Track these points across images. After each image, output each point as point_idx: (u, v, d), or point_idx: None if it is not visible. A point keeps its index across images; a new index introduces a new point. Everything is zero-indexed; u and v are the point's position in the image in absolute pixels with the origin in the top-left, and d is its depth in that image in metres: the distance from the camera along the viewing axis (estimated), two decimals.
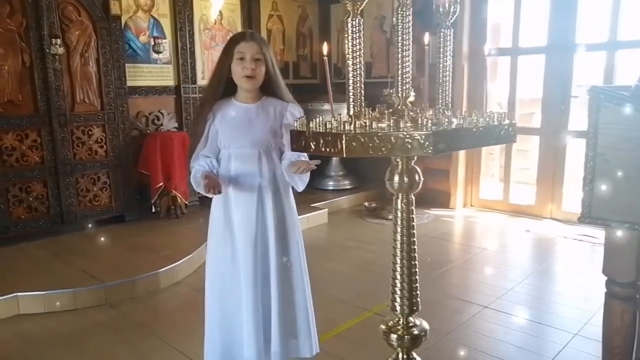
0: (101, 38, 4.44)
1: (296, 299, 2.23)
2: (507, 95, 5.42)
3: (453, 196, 5.56)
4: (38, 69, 4.12)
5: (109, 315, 3.11)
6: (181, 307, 3.21)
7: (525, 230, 4.76)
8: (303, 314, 2.25)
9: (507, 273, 3.73)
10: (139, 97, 4.89)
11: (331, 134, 1.45)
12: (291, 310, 2.22)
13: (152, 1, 4.95)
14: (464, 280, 3.62)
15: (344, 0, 1.56)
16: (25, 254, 3.87)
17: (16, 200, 4.12)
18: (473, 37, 5.39)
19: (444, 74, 1.80)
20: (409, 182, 1.70)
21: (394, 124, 1.45)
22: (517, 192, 5.52)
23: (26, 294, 3.14)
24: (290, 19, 6.34)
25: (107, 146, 4.58)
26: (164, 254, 3.82)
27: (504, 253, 4.24)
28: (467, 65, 5.45)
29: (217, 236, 2.17)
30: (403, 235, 1.78)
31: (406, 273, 1.79)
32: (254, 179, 2.11)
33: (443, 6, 1.79)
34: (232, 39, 2.09)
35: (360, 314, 3.04)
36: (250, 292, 2.11)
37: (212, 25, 5.48)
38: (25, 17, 4.04)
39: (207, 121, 2.10)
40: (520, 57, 5.26)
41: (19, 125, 4.08)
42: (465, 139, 1.48)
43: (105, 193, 4.60)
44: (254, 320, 2.12)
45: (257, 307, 2.13)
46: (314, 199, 5.48)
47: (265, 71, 2.06)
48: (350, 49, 1.57)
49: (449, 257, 4.12)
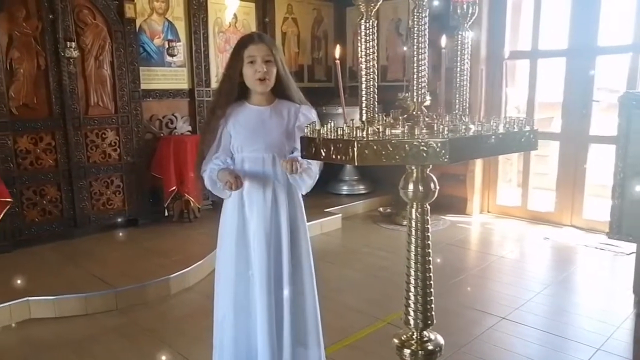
0: (115, 41, 4.44)
1: (307, 307, 2.18)
2: (525, 99, 5.30)
3: (470, 202, 5.45)
4: (53, 72, 4.13)
5: (119, 321, 3.08)
6: (191, 314, 3.16)
7: (544, 238, 4.63)
8: (313, 322, 2.20)
9: (525, 283, 3.62)
10: (152, 100, 4.88)
11: (343, 141, 1.38)
12: (302, 318, 2.17)
13: (167, 4, 4.95)
14: (480, 290, 3.52)
15: (358, 2, 1.49)
16: (39, 257, 3.87)
17: (30, 203, 4.13)
18: (491, 40, 5.28)
19: (461, 78, 1.74)
20: (424, 191, 1.63)
21: (409, 130, 1.38)
22: (535, 199, 5.39)
23: (37, 299, 3.13)
24: (305, 21, 6.30)
25: (121, 149, 4.57)
26: (176, 258, 3.79)
27: (522, 262, 4.12)
28: (485, 68, 5.34)
29: (230, 241, 2.12)
30: (418, 247, 1.71)
31: (420, 286, 1.71)
32: (268, 182, 2.06)
33: (461, 8, 1.71)
34: (241, 42, 2.05)
35: (373, 323, 2.96)
36: (265, 299, 2.06)
37: (227, 28, 5.46)
38: (41, 21, 4.06)
39: (219, 127, 2.06)
40: (539, 60, 5.15)
41: (33, 128, 4.10)
42: (484, 146, 1.40)
43: (118, 196, 4.60)
44: (268, 327, 2.07)
45: (272, 313, 2.08)
46: (328, 203, 5.42)
47: (276, 73, 2.02)
48: (363, 52, 1.50)
49: (464, 265, 4.02)
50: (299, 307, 2.14)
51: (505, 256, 4.19)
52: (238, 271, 2.11)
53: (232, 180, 1.91)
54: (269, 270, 2.06)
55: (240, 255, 2.10)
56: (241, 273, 2.11)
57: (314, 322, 2.19)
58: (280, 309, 2.10)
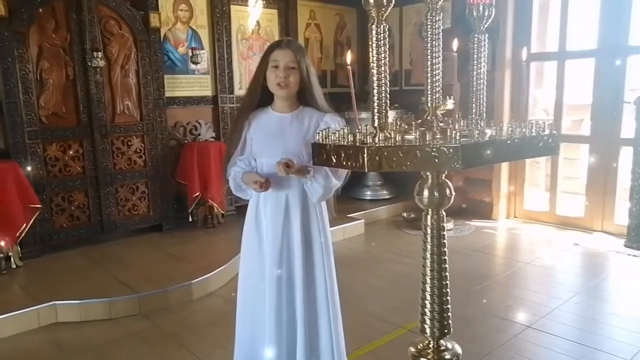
0: (141, 50, 4.53)
1: (320, 319, 2.13)
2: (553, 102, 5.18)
3: (495, 207, 5.35)
4: (81, 81, 4.24)
5: (142, 325, 3.12)
6: (213, 320, 3.18)
7: (574, 244, 4.50)
8: (326, 334, 2.14)
9: (553, 290, 3.52)
10: (177, 108, 4.96)
11: (353, 147, 1.37)
12: (315, 330, 2.14)
13: (191, 13, 5.03)
14: (505, 297, 3.43)
15: (368, 7, 1.48)
16: (66, 262, 3.96)
17: (59, 209, 4.24)
18: (516, 41, 5.18)
19: (477, 82, 1.69)
20: (440, 197, 1.60)
21: (421, 136, 1.36)
22: (564, 203, 5.25)
23: (64, 303, 3.20)
24: (328, 27, 6.31)
25: (146, 156, 4.65)
26: (199, 264, 3.83)
27: (549, 268, 4.01)
28: (510, 70, 5.24)
29: (248, 248, 2.15)
30: (433, 254, 1.68)
31: (437, 294, 1.68)
32: (282, 190, 2.06)
33: (477, 10, 1.68)
34: (269, 46, 2.08)
35: (394, 331, 2.93)
36: (274, 307, 2.06)
37: (250, 35, 5.51)
38: (69, 32, 4.17)
39: (244, 129, 2.10)
40: (567, 61, 5.02)
41: (62, 136, 4.21)
42: (499, 151, 1.37)
43: (143, 202, 4.68)
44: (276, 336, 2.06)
45: (280, 322, 2.07)
46: (351, 209, 5.39)
47: (300, 80, 2.01)
48: (374, 58, 1.48)
49: (489, 271, 3.93)
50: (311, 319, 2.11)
51: (532, 262, 4.09)
52: (254, 279, 2.12)
53: (262, 180, 1.92)
54: (279, 279, 2.05)
55: (255, 263, 2.11)
56: (257, 280, 2.11)
57: (327, 335, 2.12)
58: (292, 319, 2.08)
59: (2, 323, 3.00)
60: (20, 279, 3.63)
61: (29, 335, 3.01)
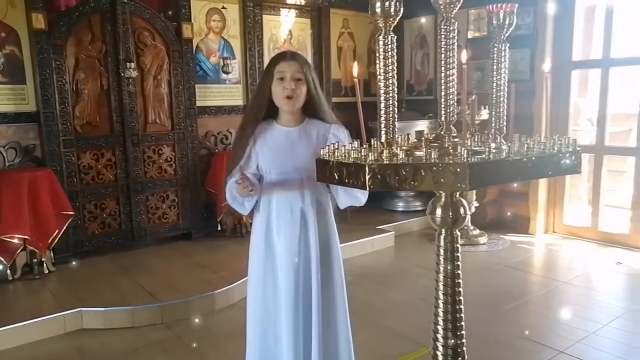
0: (173, 60, 4.60)
1: (339, 333, 2.09)
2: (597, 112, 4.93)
3: (533, 221, 5.11)
4: (114, 91, 4.34)
5: (163, 335, 3.13)
6: (233, 332, 3.14)
7: (616, 263, 4.24)
8: (345, 349, 2.10)
9: (591, 313, 3.31)
10: (208, 117, 5.01)
11: (354, 165, 1.30)
12: (333, 346, 2.08)
13: (223, 23, 5.08)
14: (538, 319, 3.25)
15: (376, 17, 1.42)
16: (96, 269, 4.04)
17: (91, 216, 4.33)
18: (557, 49, 4.96)
19: (497, 95, 1.60)
20: (454, 216, 1.51)
21: (427, 153, 1.27)
22: (608, 218, 4.97)
23: (89, 310, 3.25)
24: (362, 35, 6.24)
25: (176, 165, 4.71)
26: (223, 274, 3.82)
27: (589, 288, 3.78)
28: (550, 79, 5.02)
29: (259, 265, 2.11)
30: (447, 277, 1.60)
31: (450, 319, 1.59)
32: (296, 205, 2.01)
33: (497, 18, 1.58)
34: (272, 59, 2.04)
35: (416, 350, 2.81)
36: (291, 325, 2.01)
37: (282, 45, 5.51)
38: (105, 44, 4.28)
39: (248, 145, 2.05)
40: (612, 68, 4.77)
41: (95, 145, 4.31)
42: (511, 170, 1.27)
43: (173, 211, 4.73)
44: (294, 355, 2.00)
45: (298, 341, 2.02)
46: (381, 220, 5.28)
47: (306, 92, 1.97)
48: (382, 69, 1.42)
49: (523, 289, 3.74)
50: (330, 337, 2.06)
51: (570, 282, 3.87)
52: (267, 297, 2.07)
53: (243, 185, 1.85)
54: (296, 296, 2.00)
55: (268, 281, 2.06)
56: (270, 299, 2.06)
57: (347, 350, 2.11)
58: (308, 335, 2.03)
59: (29, 328, 3.07)
60: (51, 285, 3.72)
61: (53, 341, 3.06)
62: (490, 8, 1.57)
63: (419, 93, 6.28)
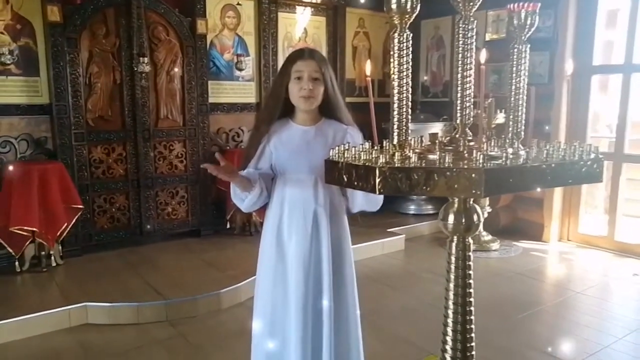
0: (187, 56, 4.58)
1: (350, 340, 2.05)
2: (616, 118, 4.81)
3: (547, 228, 5.01)
4: (127, 86, 4.33)
5: (168, 333, 3.09)
6: (239, 332, 3.10)
7: (633, 274, 4.13)
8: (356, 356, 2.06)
9: (605, 325, 3.22)
10: (220, 114, 4.98)
11: (364, 167, 1.24)
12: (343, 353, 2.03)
13: (238, 20, 5.04)
14: (550, 329, 3.16)
15: (391, 14, 1.36)
16: (103, 263, 4.03)
17: (100, 210, 4.32)
18: (578, 53, 4.85)
19: (515, 98, 1.53)
20: (467, 223, 1.45)
21: (441, 157, 1.21)
22: (625, 228, 4.84)
23: (94, 304, 3.23)
24: (377, 35, 6.17)
25: (187, 161, 4.69)
26: (231, 272, 3.78)
27: (604, 300, 3.68)
28: (570, 84, 4.91)
29: (269, 265, 2.05)
30: (457, 286, 1.54)
31: (460, 330, 1.53)
32: (309, 206, 1.96)
33: (518, 18, 1.52)
34: (289, 57, 1.98)
35: (423, 357, 2.74)
36: (300, 328, 1.96)
37: (296, 43, 5.46)
38: (119, 38, 4.27)
39: (262, 142, 2.01)
40: (634, 74, 4.65)
41: (107, 139, 4.30)
42: (529, 177, 1.20)
43: (182, 207, 4.71)
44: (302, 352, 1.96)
45: (307, 345, 1.96)
46: (392, 223, 5.21)
47: (324, 91, 1.92)
48: (396, 68, 1.36)
49: (535, 299, 3.65)
50: (340, 344, 2.01)
51: (584, 292, 3.77)
52: (276, 299, 2.02)
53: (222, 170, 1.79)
54: (305, 300, 1.95)
55: (278, 283, 2.01)
56: (279, 301, 2.01)
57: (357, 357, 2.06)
58: (319, 342, 1.98)
59: (35, 321, 3.06)
60: (58, 278, 3.71)
61: (58, 335, 3.05)
62: (512, 7, 1.51)
63: (435, 95, 6.20)
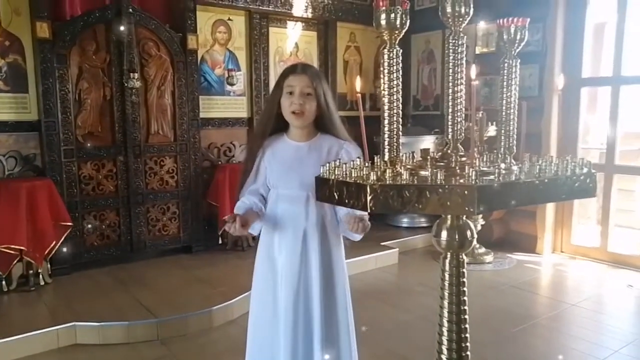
0: (177, 71, 4.56)
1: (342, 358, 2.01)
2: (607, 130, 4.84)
3: (540, 240, 5.00)
4: (117, 102, 4.30)
5: (158, 352, 3.03)
6: (231, 349, 3.05)
7: (627, 285, 4.12)
8: None
9: (600, 338, 3.20)
10: (211, 129, 4.96)
11: (355, 185, 1.23)
12: None
13: (229, 35, 5.05)
14: (545, 343, 3.14)
15: (380, 29, 1.36)
16: (93, 281, 3.96)
17: (90, 227, 4.26)
18: (567, 66, 4.89)
19: (507, 112, 1.53)
20: (460, 240, 1.43)
21: (433, 173, 1.20)
22: (618, 239, 4.85)
23: (84, 324, 3.16)
24: (368, 50, 6.20)
25: (178, 177, 4.65)
26: (222, 289, 3.74)
27: (598, 312, 3.66)
28: (560, 98, 4.95)
29: (261, 282, 2.04)
30: (452, 303, 1.51)
31: (455, 348, 1.50)
32: (299, 223, 1.95)
33: (507, 33, 1.52)
34: (283, 72, 1.98)
35: None
36: (289, 348, 1.93)
37: (288, 57, 5.48)
38: (109, 53, 4.25)
39: (257, 157, 2.01)
40: (623, 86, 4.70)
41: (97, 155, 4.26)
42: (523, 193, 1.19)
43: (174, 223, 4.66)
44: None
45: None
46: (385, 236, 5.19)
47: (316, 106, 1.90)
48: (386, 84, 1.35)
49: (529, 312, 3.63)
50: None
51: (579, 304, 3.75)
52: (267, 315, 1.99)
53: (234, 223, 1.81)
54: (295, 316, 1.93)
55: (268, 299, 1.99)
56: (269, 317, 1.99)
57: None
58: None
59: (22, 342, 2.99)
60: (46, 297, 3.65)
61: (46, 356, 2.98)
62: (501, 22, 1.51)
63: (426, 108, 6.22)
